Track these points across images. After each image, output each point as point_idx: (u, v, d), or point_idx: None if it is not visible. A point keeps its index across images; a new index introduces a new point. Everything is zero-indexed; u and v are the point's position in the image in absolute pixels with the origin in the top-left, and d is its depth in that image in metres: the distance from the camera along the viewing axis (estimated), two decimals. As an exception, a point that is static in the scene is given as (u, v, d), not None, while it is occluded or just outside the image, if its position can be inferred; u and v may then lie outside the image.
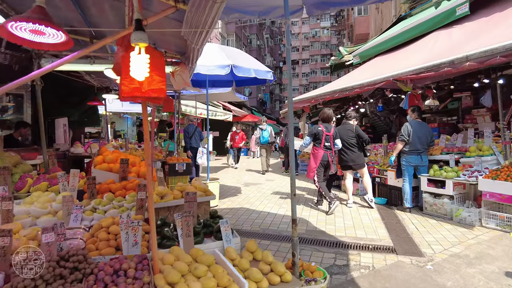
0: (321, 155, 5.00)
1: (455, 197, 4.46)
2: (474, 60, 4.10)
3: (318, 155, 5.01)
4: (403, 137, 4.96)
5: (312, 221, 4.51)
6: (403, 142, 4.95)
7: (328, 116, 5.16)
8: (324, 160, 5.01)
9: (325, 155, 5.00)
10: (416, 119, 5.17)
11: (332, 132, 5.08)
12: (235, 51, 4.79)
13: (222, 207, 5.25)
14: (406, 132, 4.98)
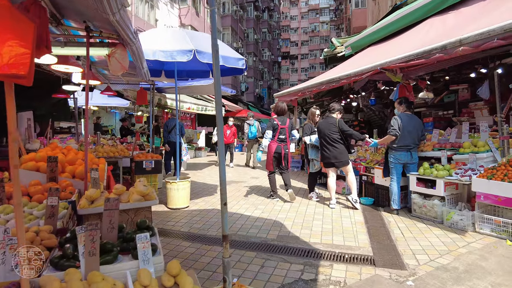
0: (274, 147, 5.16)
1: (447, 199, 4.02)
2: (469, 45, 3.63)
3: (272, 148, 5.18)
4: (395, 131, 4.48)
5: (287, 224, 4.07)
6: (394, 136, 4.48)
7: (282, 109, 5.33)
8: (276, 152, 5.16)
9: (278, 147, 5.16)
10: (405, 111, 4.71)
11: (287, 124, 5.26)
12: (202, 35, 4.33)
13: (192, 209, 4.81)
14: (397, 125, 4.51)
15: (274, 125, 5.21)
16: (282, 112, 5.33)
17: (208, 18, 22.00)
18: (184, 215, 4.50)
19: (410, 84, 5.33)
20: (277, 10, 42.60)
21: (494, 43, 3.39)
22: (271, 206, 4.88)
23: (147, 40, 3.97)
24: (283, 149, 5.19)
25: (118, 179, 5.04)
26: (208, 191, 6.03)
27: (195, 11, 19.80)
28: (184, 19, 19.38)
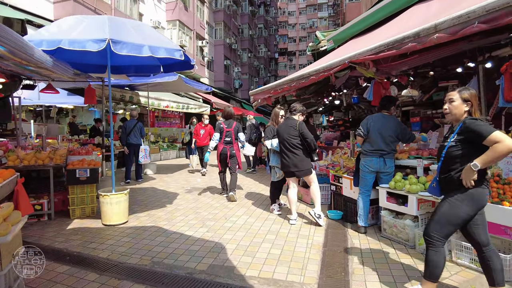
0: (221, 149, 5.49)
1: (421, 218, 3.33)
2: (445, 31, 2.92)
3: (218, 149, 5.54)
4: (359, 131, 3.88)
5: (230, 248, 3.40)
6: (359, 136, 3.89)
7: (229, 113, 5.64)
8: (222, 154, 5.49)
9: (224, 149, 5.48)
10: (383, 111, 4.02)
11: (233, 127, 5.55)
12: (131, 24, 3.63)
13: (129, 226, 4.15)
14: (365, 126, 3.86)
15: (220, 128, 5.54)
16: (229, 116, 5.65)
17: (197, 12, 21.26)
18: (115, 234, 3.84)
19: (385, 80, 4.62)
20: (274, 5, 41.67)
21: (475, 28, 2.69)
22: (220, 223, 4.21)
23: (60, 28, 3.30)
24: (229, 151, 5.49)
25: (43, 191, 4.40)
26: (161, 202, 5.37)
27: (183, 6, 19.05)
28: (171, 14, 18.66)
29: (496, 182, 2.86)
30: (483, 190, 2.09)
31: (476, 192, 2.07)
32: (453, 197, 2.13)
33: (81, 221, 4.33)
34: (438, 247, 2.18)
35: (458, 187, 2.11)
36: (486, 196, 2.12)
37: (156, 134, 15.61)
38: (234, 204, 5.16)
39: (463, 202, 2.09)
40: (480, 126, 2.02)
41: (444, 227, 2.15)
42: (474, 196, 2.08)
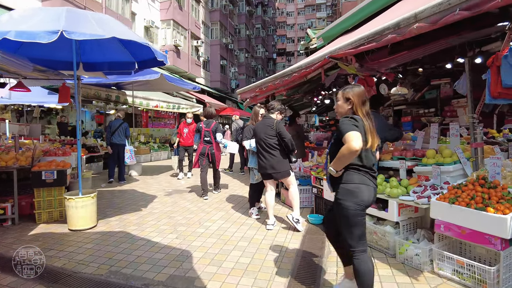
0: (201, 148, 5.65)
1: (402, 225, 3.08)
2: (425, 20, 2.68)
3: (198, 149, 5.70)
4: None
5: (196, 256, 3.16)
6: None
7: (209, 113, 5.79)
8: (202, 153, 5.63)
9: (203, 148, 5.64)
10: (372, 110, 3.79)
11: (211, 127, 5.67)
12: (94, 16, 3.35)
13: (96, 231, 3.90)
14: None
15: (199, 128, 5.75)
16: (210, 116, 5.77)
17: (192, 12, 21.05)
18: (78, 240, 3.60)
19: (369, 76, 4.38)
20: (272, 5, 41.45)
21: (456, 16, 2.44)
22: (193, 229, 3.96)
23: (11, 18, 3.06)
24: (208, 150, 5.66)
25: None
26: (137, 205, 5.12)
27: (177, 5, 18.84)
28: (166, 13, 18.45)
29: (481, 186, 2.61)
30: (357, 185, 2.04)
31: (351, 188, 2.05)
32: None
33: (46, 226, 4.09)
34: (362, 257, 2.08)
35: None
36: (365, 190, 2.04)
37: (148, 134, 15.38)
38: (212, 208, 4.91)
39: (347, 203, 2.05)
40: (342, 125, 2.01)
41: (357, 236, 2.08)
42: (353, 192, 2.04)
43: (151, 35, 17.65)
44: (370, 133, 2.05)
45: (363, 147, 1.98)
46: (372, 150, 2.10)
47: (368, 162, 2.09)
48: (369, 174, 2.10)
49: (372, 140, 2.05)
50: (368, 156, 2.10)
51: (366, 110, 2.11)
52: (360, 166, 2.06)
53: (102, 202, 5.34)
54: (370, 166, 2.10)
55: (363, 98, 2.11)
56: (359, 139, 1.91)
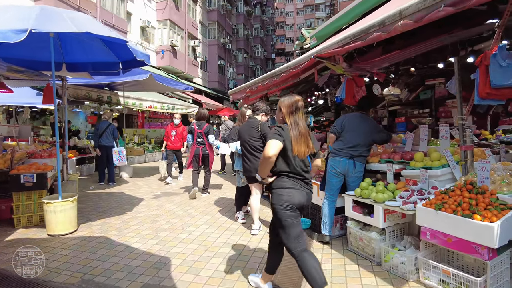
0: (194, 149, 5.74)
1: (388, 231, 2.95)
2: (410, 17, 2.55)
3: (192, 150, 5.77)
4: (334, 128, 3.61)
5: (174, 263, 3.04)
6: (333, 134, 3.63)
7: (202, 115, 5.81)
8: (195, 154, 5.73)
9: (197, 149, 5.72)
10: (359, 111, 3.70)
11: (203, 129, 5.73)
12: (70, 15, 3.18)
13: (76, 236, 3.78)
14: (339, 123, 3.60)
15: (191, 129, 5.81)
16: (202, 118, 5.78)
17: (189, 12, 20.94)
18: (55, 246, 3.48)
19: (358, 76, 4.25)
20: (271, 5, 41.31)
21: (441, 12, 2.31)
22: (175, 234, 3.84)
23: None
24: (201, 151, 5.74)
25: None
26: (122, 208, 5.00)
27: (174, 5, 18.71)
28: (162, 13, 18.34)
29: (469, 191, 2.48)
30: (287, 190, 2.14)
31: (285, 197, 2.14)
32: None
33: (25, 231, 3.96)
34: (301, 256, 2.16)
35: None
36: (294, 194, 2.14)
37: (144, 135, 15.26)
38: (198, 212, 4.79)
39: (281, 208, 2.14)
40: (268, 133, 2.26)
41: (293, 237, 2.17)
42: (282, 197, 2.14)
43: (147, 35, 17.55)
44: (296, 141, 2.14)
45: (291, 155, 2.13)
46: (299, 157, 2.17)
47: (296, 168, 2.17)
48: (299, 180, 2.19)
49: (298, 148, 2.13)
50: (297, 163, 2.17)
51: (295, 119, 2.20)
52: (288, 172, 2.17)
53: (88, 205, 5.23)
54: (299, 172, 2.18)
55: (291, 108, 2.21)
56: (274, 147, 2.06)
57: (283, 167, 2.17)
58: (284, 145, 2.12)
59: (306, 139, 2.18)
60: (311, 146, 2.21)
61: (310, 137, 2.24)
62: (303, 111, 2.24)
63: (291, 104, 2.22)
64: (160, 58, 17.94)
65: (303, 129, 2.20)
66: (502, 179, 2.65)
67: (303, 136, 2.17)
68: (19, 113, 10.98)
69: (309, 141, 2.20)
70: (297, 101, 2.23)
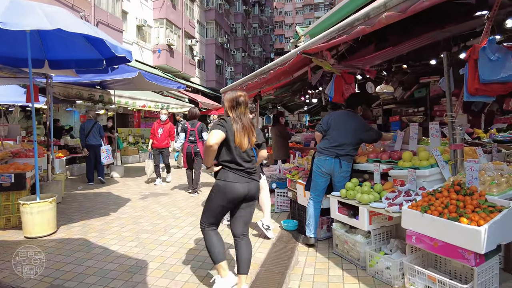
0: (186, 147, 5.82)
1: (373, 234, 2.82)
2: (395, 9, 2.42)
3: (184, 148, 5.87)
4: (319, 126, 3.51)
5: (151, 267, 2.91)
6: (319, 132, 3.52)
7: (193, 114, 5.92)
8: (188, 152, 5.81)
9: (188, 147, 5.80)
10: (347, 109, 3.57)
11: (197, 127, 5.82)
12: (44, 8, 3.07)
13: (53, 238, 3.66)
14: (326, 121, 3.49)
15: (184, 128, 5.91)
16: (194, 117, 5.89)
17: (187, 11, 20.81)
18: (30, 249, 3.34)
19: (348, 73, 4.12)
20: (270, 5, 41.17)
21: (425, 3, 2.19)
22: (156, 236, 3.71)
23: None
24: (193, 149, 5.79)
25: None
26: (107, 209, 4.87)
27: (171, 4, 18.59)
28: (159, 12, 18.21)
29: (457, 193, 2.34)
30: (225, 183, 2.28)
31: (221, 185, 2.29)
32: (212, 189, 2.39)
33: (2, 233, 3.83)
34: (206, 231, 2.40)
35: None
36: (232, 188, 2.27)
37: (139, 134, 15.14)
38: (183, 213, 4.66)
39: (214, 193, 2.35)
40: (212, 125, 2.35)
41: (207, 215, 2.40)
42: (220, 188, 2.30)
43: (144, 34, 17.42)
44: (238, 133, 2.26)
45: (233, 145, 2.26)
46: (241, 148, 2.28)
47: (237, 159, 2.29)
48: (241, 171, 2.30)
49: (240, 140, 2.26)
50: (239, 153, 2.29)
51: (237, 113, 2.32)
52: (229, 162, 2.30)
53: (73, 206, 5.11)
54: (240, 162, 2.30)
55: (232, 103, 2.34)
56: (215, 136, 2.18)
57: (225, 157, 2.30)
58: (226, 136, 2.24)
59: (248, 132, 2.31)
60: (253, 139, 2.34)
61: (253, 130, 2.37)
62: (245, 106, 2.36)
63: (232, 99, 2.35)
64: (156, 57, 17.82)
65: (245, 123, 2.32)
66: (492, 180, 2.52)
67: (245, 129, 2.29)
68: (9, 112, 10.85)
69: (251, 134, 2.33)
70: (238, 97, 2.35)
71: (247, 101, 2.38)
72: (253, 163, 2.39)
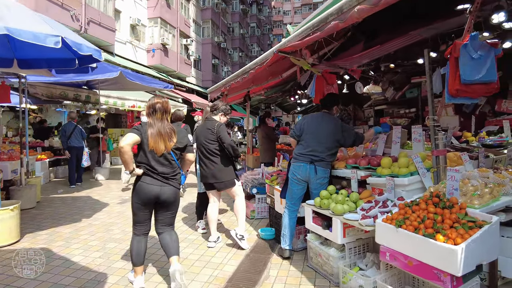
0: None
1: (348, 248, 2.59)
2: (367, 2, 2.20)
3: None
4: (292, 131, 3.33)
5: (111, 281, 2.70)
6: (291, 138, 3.37)
7: (177, 116, 5.36)
8: None
9: None
10: (324, 111, 3.32)
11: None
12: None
13: (14, 248, 3.44)
14: (298, 125, 3.28)
15: None
16: (178, 118, 5.59)
17: (182, 10, 20.58)
18: (-16, 261, 3.13)
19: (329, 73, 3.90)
20: (268, 4, 40.87)
21: (398, -6, 1.96)
22: (124, 246, 3.50)
23: None
24: None
25: None
26: (82, 215, 4.66)
27: (165, 3, 18.36)
28: (153, 11, 17.98)
29: (435, 205, 2.12)
30: (139, 184, 2.44)
31: (137, 186, 2.46)
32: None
33: (-38, 242, 3.62)
34: (132, 236, 2.55)
35: None
36: (143, 188, 2.43)
37: (132, 135, 14.89)
38: (159, 219, 4.44)
39: (132, 193, 2.52)
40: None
41: (132, 216, 2.55)
42: (135, 187, 2.47)
43: (138, 34, 17.19)
44: (152, 138, 2.40)
45: (147, 149, 2.41)
46: (156, 153, 2.42)
47: (151, 162, 2.43)
48: (157, 174, 2.44)
49: (154, 145, 2.40)
50: (153, 157, 2.43)
51: (153, 119, 2.46)
52: (145, 164, 2.44)
53: (46, 211, 4.90)
54: (154, 166, 2.43)
55: (150, 109, 2.50)
56: (127, 139, 2.35)
57: (141, 159, 2.46)
58: (141, 140, 2.40)
59: (164, 137, 2.43)
60: (169, 144, 2.46)
61: (171, 135, 2.48)
62: (162, 112, 2.48)
63: (150, 106, 2.52)
64: (151, 56, 17.60)
65: (161, 128, 2.43)
66: (476, 190, 2.30)
67: (160, 134, 2.42)
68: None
69: (167, 139, 2.45)
70: (155, 104, 2.50)
71: (165, 108, 2.50)
72: (171, 168, 2.51)
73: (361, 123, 7.59)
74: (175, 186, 2.53)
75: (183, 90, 18.60)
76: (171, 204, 2.54)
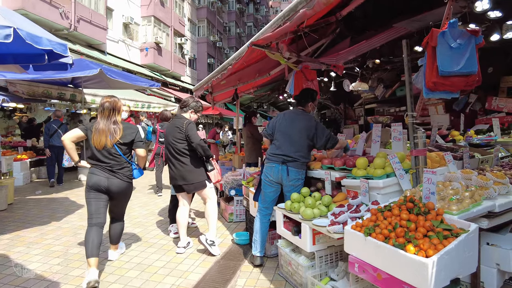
0: (156, 148, 5.78)
1: (318, 256, 2.38)
2: (334, -14, 1.98)
3: (154, 149, 5.84)
4: (265, 130, 3.12)
5: (59, 295, 2.46)
6: (264, 138, 3.16)
7: (164, 116, 5.65)
8: (157, 153, 5.73)
9: (158, 149, 5.71)
10: (299, 108, 3.07)
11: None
12: None
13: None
14: (271, 124, 3.08)
15: (155, 130, 6.05)
16: (165, 119, 5.74)
17: (176, 8, 20.35)
18: None
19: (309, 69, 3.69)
20: (265, 4, 40.69)
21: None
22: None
23: None
24: (163, 150, 5.51)
25: None
26: (53, 217, 4.45)
27: (159, 1, 18.13)
28: (146, 10, 17.76)
29: (409, 211, 1.91)
30: (88, 174, 2.70)
31: (87, 176, 2.71)
32: None
33: None
34: (87, 227, 2.71)
35: None
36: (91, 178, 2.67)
37: (123, 135, 14.67)
38: (132, 223, 4.22)
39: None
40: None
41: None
42: (86, 179, 2.72)
43: (131, 32, 16.97)
44: (94, 134, 2.63)
45: (91, 143, 2.65)
46: (97, 147, 2.64)
47: (96, 155, 2.66)
48: (101, 166, 2.66)
49: (95, 140, 2.63)
50: (98, 151, 2.66)
51: (100, 116, 2.69)
52: (90, 157, 2.69)
53: (17, 213, 4.68)
54: (100, 158, 2.65)
55: (100, 108, 2.71)
56: (70, 134, 2.66)
57: (89, 153, 2.71)
58: (87, 135, 2.66)
59: (106, 133, 2.63)
60: (109, 140, 2.63)
61: (115, 131, 2.65)
62: (109, 110, 2.68)
63: (100, 104, 2.73)
64: (144, 55, 17.37)
65: (104, 125, 2.64)
66: (457, 193, 2.09)
67: (101, 131, 2.63)
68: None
69: (109, 134, 2.63)
70: (104, 103, 2.71)
71: (113, 106, 2.69)
72: (116, 161, 2.68)
73: (351, 122, 7.38)
74: (122, 179, 2.71)
75: (176, 89, 18.40)
76: (120, 196, 2.76)
